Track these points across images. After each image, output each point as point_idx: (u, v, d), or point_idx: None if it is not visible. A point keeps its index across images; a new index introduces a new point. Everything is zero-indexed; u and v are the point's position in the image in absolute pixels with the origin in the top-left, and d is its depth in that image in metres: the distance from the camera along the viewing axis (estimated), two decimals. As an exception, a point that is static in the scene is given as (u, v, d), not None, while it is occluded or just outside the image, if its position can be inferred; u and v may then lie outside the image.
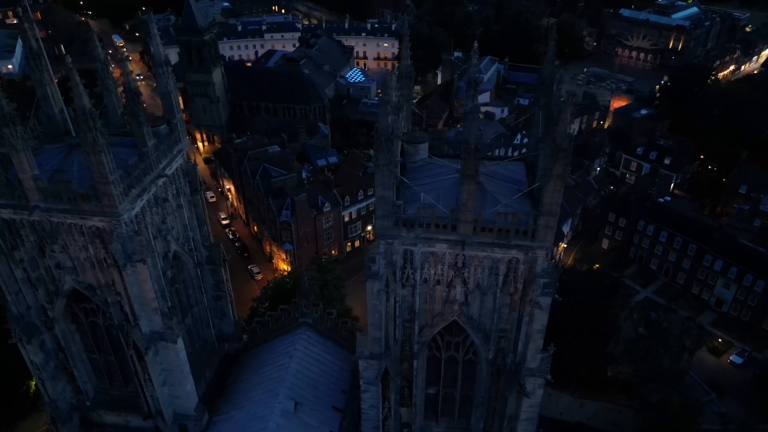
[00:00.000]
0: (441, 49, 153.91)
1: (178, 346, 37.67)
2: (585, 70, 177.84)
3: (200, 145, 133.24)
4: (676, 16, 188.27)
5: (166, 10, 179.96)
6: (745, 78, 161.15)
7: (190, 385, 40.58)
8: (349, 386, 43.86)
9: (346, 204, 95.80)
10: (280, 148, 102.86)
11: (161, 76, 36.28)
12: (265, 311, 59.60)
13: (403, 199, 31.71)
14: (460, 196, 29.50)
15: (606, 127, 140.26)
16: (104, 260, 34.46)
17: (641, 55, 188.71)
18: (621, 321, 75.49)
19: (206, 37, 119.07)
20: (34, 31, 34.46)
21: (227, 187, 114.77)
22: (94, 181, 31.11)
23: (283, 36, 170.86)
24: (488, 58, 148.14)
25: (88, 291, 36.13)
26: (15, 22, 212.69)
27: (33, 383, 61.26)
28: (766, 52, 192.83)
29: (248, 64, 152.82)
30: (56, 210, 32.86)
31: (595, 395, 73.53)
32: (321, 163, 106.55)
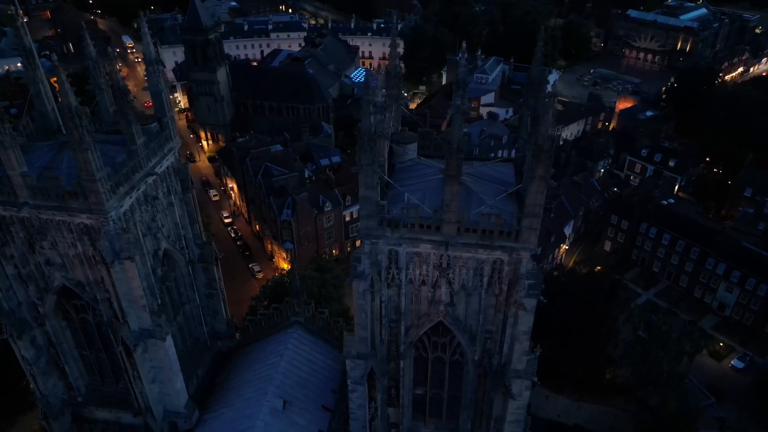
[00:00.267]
0: (446, 49, 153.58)
1: (167, 344, 37.77)
2: (592, 71, 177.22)
3: (204, 143, 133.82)
4: (684, 18, 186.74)
5: (174, 9, 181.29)
6: (753, 80, 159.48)
7: (179, 383, 40.69)
8: (340, 386, 43.79)
9: (347, 204, 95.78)
10: (282, 148, 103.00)
11: (151, 75, 36.45)
12: (264, 310, 59.58)
13: (388, 199, 31.65)
14: (444, 197, 29.41)
15: (611, 128, 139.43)
16: (93, 257, 34.60)
17: (649, 57, 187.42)
18: (620, 323, 75.11)
19: (211, 37, 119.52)
20: (26, 29, 34.75)
21: (230, 186, 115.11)
22: (81, 179, 31.27)
23: (289, 35, 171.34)
24: (493, 58, 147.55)
25: (78, 288, 36.30)
26: (25, 20, 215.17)
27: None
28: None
29: (254, 64, 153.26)
30: (45, 207, 33.01)
31: (593, 398, 73.23)
32: (324, 162, 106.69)
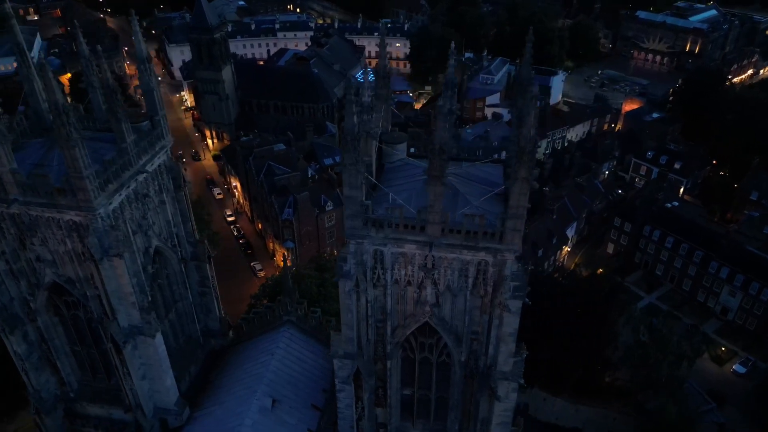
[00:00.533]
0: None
1: (157, 341, 37.92)
2: (600, 72, 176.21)
3: (210, 142, 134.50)
4: (693, 19, 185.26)
5: (182, 8, 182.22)
6: (762, 82, 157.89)
7: (170, 380, 40.84)
8: (330, 385, 43.79)
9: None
10: (285, 147, 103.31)
11: (143, 73, 36.60)
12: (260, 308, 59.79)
13: (374, 198, 31.63)
14: (428, 197, 29.34)
15: (617, 130, 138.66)
16: (82, 254, 34.79)
17: (657, 58, 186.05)
18: (620, 326, 74.68)
19: (216, 36, 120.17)
20: (17, 28, 35.01)
21: (234, 184, 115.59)
22: (69, 176, 31.50)
23: (296, 35, 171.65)
24: (499, 59, 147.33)
25: (68, 284, 36.54)
26: (35, 19, 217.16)
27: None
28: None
29: (260, 63, 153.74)
30: (34, 203, 33.20)
31: (592, 400, 72.90)
32: (328, 161, 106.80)
